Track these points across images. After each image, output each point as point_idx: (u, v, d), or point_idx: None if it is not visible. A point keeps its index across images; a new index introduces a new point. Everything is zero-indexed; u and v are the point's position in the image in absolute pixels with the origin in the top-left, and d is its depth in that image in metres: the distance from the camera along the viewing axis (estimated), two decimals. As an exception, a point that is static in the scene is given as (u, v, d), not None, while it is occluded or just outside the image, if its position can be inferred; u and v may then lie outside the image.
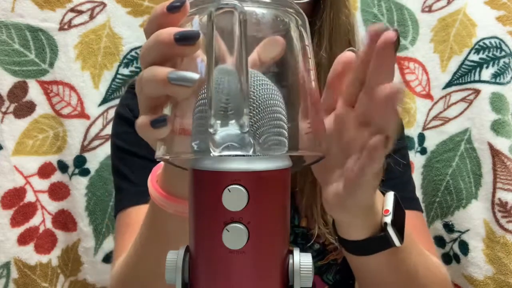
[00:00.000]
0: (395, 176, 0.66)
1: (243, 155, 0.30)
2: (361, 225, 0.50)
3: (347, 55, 0.43)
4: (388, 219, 0.50)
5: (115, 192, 0.74)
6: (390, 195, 0.53)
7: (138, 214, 0.56)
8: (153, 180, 0.48)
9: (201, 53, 0.35)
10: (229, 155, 0.30)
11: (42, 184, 0.98)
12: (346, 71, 0.43)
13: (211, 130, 0.30)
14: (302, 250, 0.68)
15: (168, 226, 0.49)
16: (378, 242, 0.50)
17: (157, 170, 0.49)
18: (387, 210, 0.51)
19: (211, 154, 0.30)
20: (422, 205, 0.97)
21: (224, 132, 0.30)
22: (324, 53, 0.64)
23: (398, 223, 0.51)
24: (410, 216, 0.54)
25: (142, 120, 0.37)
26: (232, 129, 0.30)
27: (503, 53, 1.04)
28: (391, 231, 0.50)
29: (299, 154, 0.37)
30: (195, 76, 0.33)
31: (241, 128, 0.30)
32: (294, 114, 0.35)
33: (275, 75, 0.35)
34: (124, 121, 0.75)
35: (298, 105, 0.36)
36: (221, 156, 0.30)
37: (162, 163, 0.48)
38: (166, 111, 0.37)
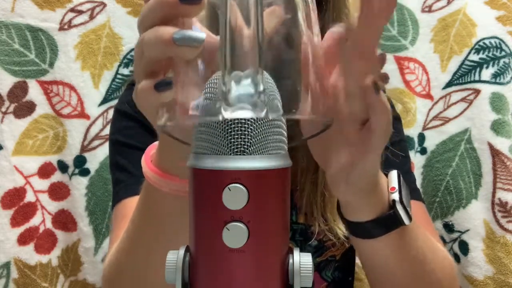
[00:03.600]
0: (394, 168, 0.65)
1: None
2: (368, 205, 0.49)
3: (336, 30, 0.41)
4: (395, 196, 0.49)
5: (112, 187, 0.73)
6: (394, 174, 0.52)
7: (134, 204, 0.55)
8: (147, 159, 0.47)
9: (196, 21, 0.34)
10: (240, 119, 0.30)
11: (42, 184, 0.98)
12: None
13: (224, 89, 0.29)
14: (300, 246, 0.69)
15: (162, 205, 0.48)
16: (387, 221, 0.49)
17: (151, 150, 0.48)
18: (393, 188, 0.50)
19: (220, 117, 0.29)
20: (422, 205, 0.97)
21: (237, 92, 0.29)
22: None
23: (405, 202, 0.50)
24: (413, 206, 0.54)
25: (144, 84, 0.35)
26: (246, 88, 0.29)
27: (503, 53, 1.04)
28: (399, 208, 0.49)
29: (305, 118, 0.36)
30: (202, 35, 0.32)
31: (256, 86, 0.29)
32: (299, 79, 0.34)
33: (281, 40, 0.34)
34: (123, 116, 0.74)
35: (304, 70, 0.35)
36: (231, 118, 0.29)
37: (156, 143, 0.47)
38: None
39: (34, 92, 0.98)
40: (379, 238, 0.50)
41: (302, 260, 0.32)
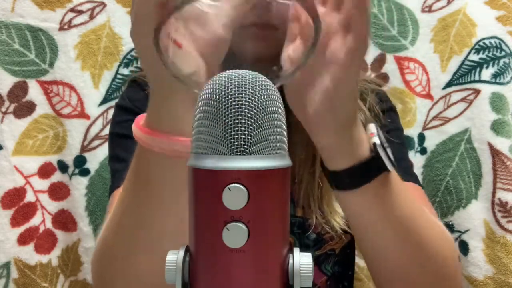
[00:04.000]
0: None
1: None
2: (349, 145, 0.49)
3: None
4: (376, 139, 0.50)
5: (110, 178, 0.72)
6: (372, 125, 0.53)
7: None
8: (137, 123, 0.48)
9: None
10: None
11: (42, 184, 0.98)
12: None
13: None
14: (299, 239, 0.69)
15: (153, 167, 0.47)
16: (369, 165, 0.50)
17: (142, 118, 0.49)
18: (372, 133, 0.52)
19: None
20: (422, 205, 0.97)
21: None
22: None
23: (385, 147, 0.51)
24: (411, 188, 0.54)
25: None
26: None
27: (503, 53, 1.04)
28: (381, 151, 0.50)
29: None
30: None
31: None
32: None
33: None
34: (124, 110, 0.74)
35: None
36: None
37: (145, 114, 0.48)
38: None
39: (34, 92, 0.98)
40: (362, 189, 0.50)
41: (302, 260, 0.32)
